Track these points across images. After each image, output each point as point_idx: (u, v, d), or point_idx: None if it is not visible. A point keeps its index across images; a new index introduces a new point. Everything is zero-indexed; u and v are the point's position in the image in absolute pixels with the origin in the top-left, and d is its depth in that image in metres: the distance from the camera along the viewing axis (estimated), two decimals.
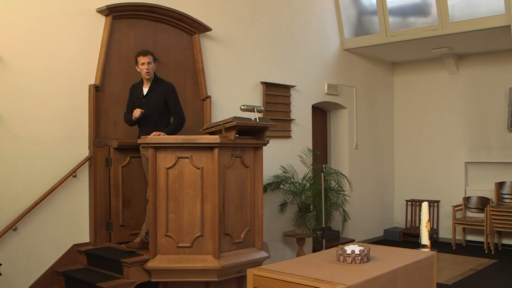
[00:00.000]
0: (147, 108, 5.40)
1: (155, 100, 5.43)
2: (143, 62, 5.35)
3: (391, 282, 3.43)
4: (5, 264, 4.72)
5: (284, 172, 7.59)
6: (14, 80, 5.12)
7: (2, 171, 5.02)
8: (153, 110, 5.42)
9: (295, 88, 8.05)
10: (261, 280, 3.55)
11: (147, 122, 5.42)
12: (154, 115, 5.43)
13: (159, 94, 5.44)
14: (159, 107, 5.44)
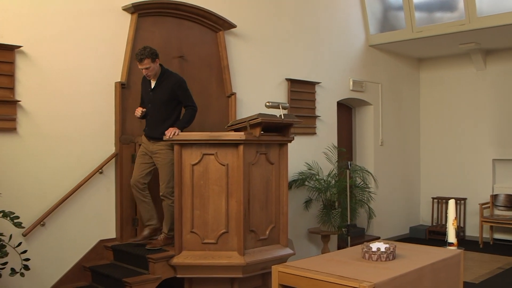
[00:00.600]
0: (153, 101, 5.36)
1: (162, 94, 5.33)
2: (142, 69, 5.25)
3: (417, 280, 3.40)
4: (33, 259, 4.79)
5: (309, 169, 7.58)
6: (42, 78, 5.19)
7: (31, 168, 5.09)
8: (160, 104, 5.33)
9: (320, 84, 8.02)
10: (286, 277, 3.55)
11: (155, 116, 5.35)
12: (161, 109, 5.33)
13: (165, 88, 5.33)
14: (166, 101, 5.33)
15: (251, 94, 6.97)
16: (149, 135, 5.35)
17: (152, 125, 5.36)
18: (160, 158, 5.28)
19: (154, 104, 5.34)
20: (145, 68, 5.19)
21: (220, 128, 6.09)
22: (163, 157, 5.27)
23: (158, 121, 5.31)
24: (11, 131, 4.98)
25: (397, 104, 9.77)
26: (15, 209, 4.63)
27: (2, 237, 4.46)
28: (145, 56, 5.14)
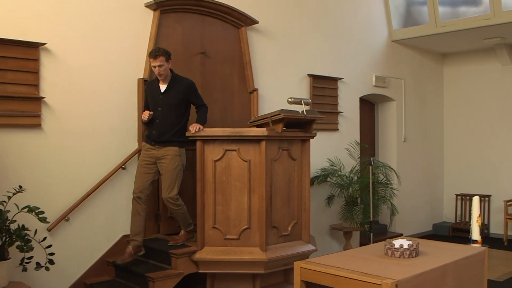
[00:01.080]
0: (163, 105, 5.21)
1: (174, 97, 5.22)
2: (154, 66, 5.13)
3: (440, 277, 3.37)
4: (58, 254, 4.84)
5: (331, 165, 7.55)
6: (66, 75, 5.24)
7: (56, 164, 5.15)
8: (171, 107, 5.20)
9: (343, 80, 7.98)
10: (308, 273, 3.54)
11: (165, 120, 5.20)
12: (172, 112, 5.21)
13: (178, 91, 5.24)
14: (177, 104, 5.23)
15: (273, 90, 6.96)
16: (158, 139, 5.18)
17: (161, 128, 5.20)
18: (167, 164, 5.15)
19: (165, 107, 5.21)
20: (158, 66, 5.09)
21: (242, 124, 6.10)
22: (171, 162, 5.14)
23: (168, 124, 5.20)
24: (36, 128, 5.04)
25: (420, 100, 9.68)
26: (40, 204, 4.68)
27: (28, 232, 4.51)
28: (160, 54, 5.09)
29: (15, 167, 4.91)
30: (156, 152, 5.18)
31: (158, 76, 5.17)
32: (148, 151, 5.22)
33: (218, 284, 5.22)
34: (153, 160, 5.19)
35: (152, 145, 5.20)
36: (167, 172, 5.13)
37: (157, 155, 5.17)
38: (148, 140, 5.26)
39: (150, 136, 5.24)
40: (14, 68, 4.88)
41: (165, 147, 5.16)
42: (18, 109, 4.91)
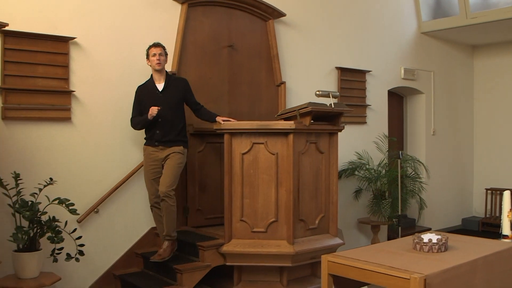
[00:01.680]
0: (164, 103, 5.04)
1: (174, 94, 5.13)
2: (154, 53, 5.04)
3: (469, 273, 3.33)
4: (87, 245, 4.91)
5: (359, 158, 7.51)
6: (95, 69, 5.30)
7: (85, 156, 5.22)
8: (170, 105, 5.08)
9: (371, 73, 7.91)
10: (336, 266, 3.53)
11: (168, 118, 5.06)
12: (173, 110, 5.09)
13: (177, 89, 5.17)
14: (178, 102, 5.15)
15: (301, 83, 6.94)
16: (162, 139, 5.05)
17: (165, 128, 5.06)
18: (171, 160, 5.02)
19: (166, 105, 5.05)
20: (159, 54, 5.04)
21: (270, 117, 6.10)
22: (175, 158, 5.02)
23: (172, 123, 5.08)
24: (66, 121, 5.11)
25: (450, 93, 9.55)
26: (70, 196, 4.76)
27: (58, 223, 4.58)
28: (161, 45, 5.12)
29: (46, 160, 4.99)
30: (160, 154, 5.07)
31: (157, 65, 5.06)
32: (152, 155, 5.09)
33: (245, 277, 5.24)
34: (158, 163, 5.08)
35: (156, 146, 5.07)
36: (171, 167, 5.00)
37: (161, 156, 5.06)
38: (151, 141, 5.11)
39: (153, 136, 5.09)
40: (44, 62, 4.95)
41: (170, 147, 5.05)
42: (49, 103, 4.98)
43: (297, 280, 5.33)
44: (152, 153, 5.08)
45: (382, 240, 7.41)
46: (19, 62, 4.82)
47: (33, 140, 4.93)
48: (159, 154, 5.06)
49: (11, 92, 4.77)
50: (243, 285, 5.20)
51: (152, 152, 5.08)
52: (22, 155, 4.85)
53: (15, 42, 4.80)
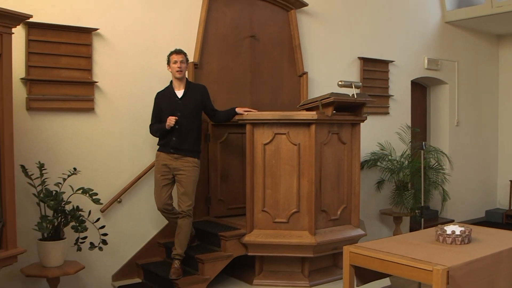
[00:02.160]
0: (183, 111, 4.98)
1: (193, 102, 5.05)
2: (176, 60, 4.97)
3: (493, 265, 3.30)
4: (111, 234, 4.95)
5: (381, 149, 7.46)
6: (118, 60, 5.33)
7: (108, 147, 5.26)
8: (190, 112, 5.00)
9: (394, 63, 7.84)
10: (358, 257, 3.53)
11: (185, 126, 4.97)
12: (191, 118, 5.01)
13: (196, 96, 5.09)
14: (196, 109, 5.08)
15: (323, 73, 6.91)
16: (178, 146, 4.95)
17: (182, 135, 4.96)
18: (186, 175, 4.94)
19: (184, 112, 4.99)
20: (180, 61, 4.96)
21: (292, 108, 6.09)
22: (190, 174, 4.95)
23: (189, 131, 5.00)
24: (89, 111, 5.15)
25: (474, 83, 9.42)
26: (94, 186, 4.81)
27: (82, 213, 4.63)
28: (183, 52, 5.04)
29: (70, 150, 5.04)
30: (174, 163, 4.96)
31: (178, 73, 4.99)
32: (165, 162, 4.99)
33: (267, 267, 5.25)
34: (170, 171, 4.99)
35: (171, 153, 4.97)
36: (188, 184, 4.93)
37: (174, 165, 4.96)
38: (166, 148, 5.01)
39: (169, 143, 4.98)
40: (67, 53, 4.99)
41: (185, 157, 4.95)
42: (72, 94, 5.02)
43: (318, 270, 5.33)
44: (165, 160, 4.98)
45: (404, 232, 7.37)
46: (43, 54, 4.86)
47: (57, 130, 4.98)
48: (173, 162, 4.97)
49: (36, 83, 4.82)
50: (264, 275, 5.22)
51: (165, 159, 4.99)
52: (46, 145, 4.90)
53: (39, 34, 4.84)
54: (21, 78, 4.75)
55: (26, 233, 4.58)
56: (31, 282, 4.78)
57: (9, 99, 3.86)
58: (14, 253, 3.90)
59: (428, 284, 3.10)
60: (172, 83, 5.12)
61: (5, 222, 3.83)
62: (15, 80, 4.30)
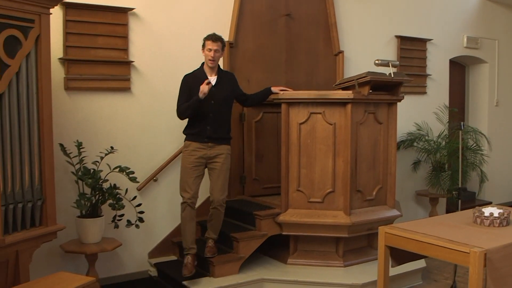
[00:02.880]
0: (217, 98, 4.79)
1: (226, 90, 4.89)
2: (210, 48, 4.73)
3: None
4: (147, 212, 5.03)
5: (418, 129, 7.37)
6: (153, 39, 5.35)
7: (145, 126, 5.31)
8: (224, 100, 4.86)
9: (432, 41, 7.69)
10: (393, 238, 3.51)
11: (219, 114, 4.83)
12: (224, 106, 4.89)
13: (229, 83, 4.95)
14: (230, 97, 4.94)
15: (359, 52, 6.82)
16: (213, 135, 4.78)
17: (216, 124, 4.80)
18: (221, 163, 4.81)
19: (218, 100, 4.81)
20: (215, 50, 4.72)
21: (328, 87, 6.04)
22: (225, 162, 4.84)
23: (222, 119, 4.87)
24: (125, 91, 5.20)
25: None
26: (130, 165, 4.88)
27: (119, 191, 4.70)
28: (220, 40, 4.77)
29: (107, 129, 5.11)
30: (208, 152, 4.78)
31: (210, 62, 4.77)
32: (199, 151, 4.77)
33: (301, 247, 5.26)
34: (204, 160, 4.80)
35: (204, 142, 4.78)
36: (222, 172, 4.81)
37: (210, 154, 4.79)
38: (199, 137, 4.79)
39: (203, 132, 4.78)
40: (104, 33, 5.04)
41: (219, 145, 4.82)
42: (109, 73, 5.08)
43: (353, 251, 5.32)
44: (199, 149, 4.77)
45: (440, 213, 7.30)
46: (80, 34, 4.92)
47: (95, 109, 5.05)
48: (207, 151, 4.78)
49: (73, 63, 4.88)
50: (299, 255, 5.23)
51: (198, 149, 4.77)
52: (84, 125, 4.98)
53: (76, 14, 4.89)
54: (59, 58, 4.81)
55: (65, 210, 4.68)
56: (70, 258, 4.89)
57: (48, 79, 3.93)
58: (54, 229, 4.00)
59: (465, 266, 3.07)
60: (203, 68, 4.92)
61: (45, 199, 3.92)
62: (53, 60, 4.36)
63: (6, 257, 3.67)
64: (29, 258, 3.86)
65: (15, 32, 3.67)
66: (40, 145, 3.89)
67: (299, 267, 5.12)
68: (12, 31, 3.65)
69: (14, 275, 3.76)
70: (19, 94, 3.74)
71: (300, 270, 5.04)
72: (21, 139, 3.75)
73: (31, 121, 3.83)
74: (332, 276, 4.89)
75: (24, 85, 3.76)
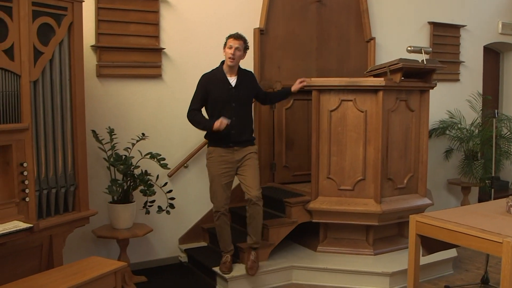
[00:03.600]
0: (239, 100, 4.57)
1: (247, 90, 4.66)
2: (231, 45, 4.49)
3: None
4: (178, 199, 5.07)
5: (450, 117, 7.27)
6: (184, 26, 5.36)
7: (176, 113, 5.33)
8: (245, 102, 4.64)
9: (465, 28, 7.56)
10: (424, 227, 3.49)
11: (242, 116, 4.61)
12: (246, 107, 4.69)
13: (248, 84, 4.68)
14: (250, 98, 4.73)
15: (391, 39, 6.74)
16: (238, 139, 4.57)
17: (240, 127, 4.57)
18: (249, 164, 4.60)
19: (239, 102, 4.58)
20: (236, 48, 4.47)
21: (359, 74, 6.00)
22: (254, 162, 4.63)
23: (245, 121, 4.66)
24: (156, 77, 5.23)
25: None
26: (161, 151, 4.91)
27: (150, 177, 4.75)
28: (242, 39, 4.56)
29: (138, 116, 5.15)
30: (235, 155, 4.58)
31: (230, 60, 4.50)
32: (225, 156, 4.55)
33: (331, 234, 5.25)
34: (232, 165, 4.59)
35: (230, 147, 4.56)
36: (254, 169, 4.60)
37: (237, 158, 4.59)
38: (224, 143, 4.56)
39: (228, 137, 4.53)
40: (136, 20, 5.07)
41: (245, 147, 4.61)
42: (140, 60, 5.11)
43: (383, 239, 5.29)
44: (225, 155, 4.55)
45: (472, 203, 7.20)
46: (112, 21, 4.95)
47: (126, 96, 5.09)
48: (235, 155, 4.58)
49: (105, 50, 4.93)
50: (328, 242, 5.22)
51: (224, 154, 4.55)
52: (116, 111, 5.03)
53: (108, 1, 4.92)
54: (91, 45, 4.86)
55: (97, 196, 4.75)
56: (102, 242, 4.97)
57: (80, 66, 3.98)
58: (86, 214, 4.07)
59: (497, 256, 3.04)
60: (222, 67, 4.64)
61: (77, 185, 3.98)
62: (85, 47, 4.40)
63: (40, 242, 3.75)
64: (62, 243, 3.93)
65: (48, 19, 3.72)
66: (73, 131, 3.95)
67: (328, 255, 5.12)
68: (46, 19, 3.70)
69: (48, 259, 3.83)
70: (53, 81, 3.80)
71: (330, 258, 5.04)
72: (55, 126, 3.82)
73: (64, 108, 3.89)
74: (361, 264, 4.87)
75: (57, 72, 3.82)
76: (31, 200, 3.57)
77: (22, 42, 3.51)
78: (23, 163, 3.52)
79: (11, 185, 3.49)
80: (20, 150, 3.51)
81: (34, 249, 3.73)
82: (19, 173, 3.50)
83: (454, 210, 3.87)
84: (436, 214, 3.58)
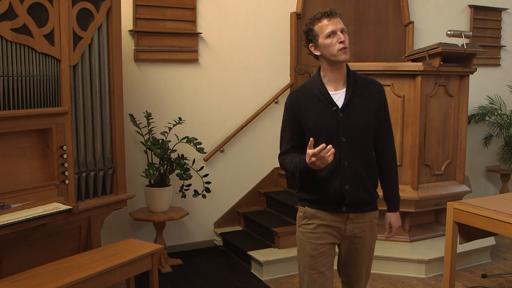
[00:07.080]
0: (351, 131, 2.64)
1: (365, 112, 2.68)
2: (334, 30, 2.67)
3: None
4: (213, 183, 5.11)
5: (490, 103, 7.12)
6: (221, 10, 5.36)
7: (212, 97, 5.36)
8: (361, 133, 2.67)
9: (508, 11, 7.37)
10: (462, 214, 3.44)
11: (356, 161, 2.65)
12: (363, 143, 2.69)
13: (369, 101, 2.71)
14: (370, 127, 2.70)
15: (430, 23, 6.62)
16: (353, 199, 2.65)
17: (355, 178, 2.65)
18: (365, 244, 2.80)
19: (352, 135, 2.65)
20: (341, 31, 2.68)
21: (397, 59, 5.93)
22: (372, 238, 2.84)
23: (365, 168, 2.71)
24: (193, 62, 5.25)
25: None
26: (197, 135, 4.96)
27: (186, 161, 4.79)
28: (339, 15, 2.76)
29: (175, 100, 5.19)
30: (347, 227, 2.72)
31: (343, 52, 2.64)
32: (329, 227, 2.71)
33: None
34: (338, 240, 2.76)
35: (341, 213, 2.69)
36: (368, 255, 2.85)
37: (349, 231, 2.73)
38: (329, 206, 2.70)
39: (337, 196, 2.66)
40: (172, 5, 5.08)
41: (364, 213, 2.74)
42: (177, 45, 5.13)
43: (420, 226, 5.24)
44: (330, 223, 2.71)
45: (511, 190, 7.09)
46: (149, 6, 4.98)
47: (163, 81, 5.13)
48: (346, 226, 2.72)
49: (143, 35, 4.96)
50: None
51: (329, 223, 2.71)
52: (153, 96, 5.07)
53: None
54: (129, 30, 4.90)
55: (134, 179, 4.82)
56: (139, 225, 5.05)
57: (119, 51, 4.02)
58: (124, 197, 4.13)
59: None
60: (320, 75, 2.77)
61: (115, 168, 4.04)
62: (123, 32, 4.45)
63: (79, 223, 3.83)
64: (100, 225, 4.01)
65: (87, 5, 3.77)
66: (111, 115, 4.01)
67: None
68: (85, 4, 3.75)
69: (86, 241, 3.92)
70: (91, 66, 3.85)
71: None
72: (93, 110, 3.87)
73: (103, 92, 3.94)
74: (397, 251, 4.84)
75: (96, 57, 3.87)
76: (70, 183, 3.65)
77: (62, 27, 3.57)
78: (63, 146, 3.59)
79: (51, 167, 3.58)
80: (60, 133, 3.58)
81: (73, 230, 3.82)
82: (59, 156, 3.58)
83: (492, 197, 3.81)
84: (474, 202, 3.53)
